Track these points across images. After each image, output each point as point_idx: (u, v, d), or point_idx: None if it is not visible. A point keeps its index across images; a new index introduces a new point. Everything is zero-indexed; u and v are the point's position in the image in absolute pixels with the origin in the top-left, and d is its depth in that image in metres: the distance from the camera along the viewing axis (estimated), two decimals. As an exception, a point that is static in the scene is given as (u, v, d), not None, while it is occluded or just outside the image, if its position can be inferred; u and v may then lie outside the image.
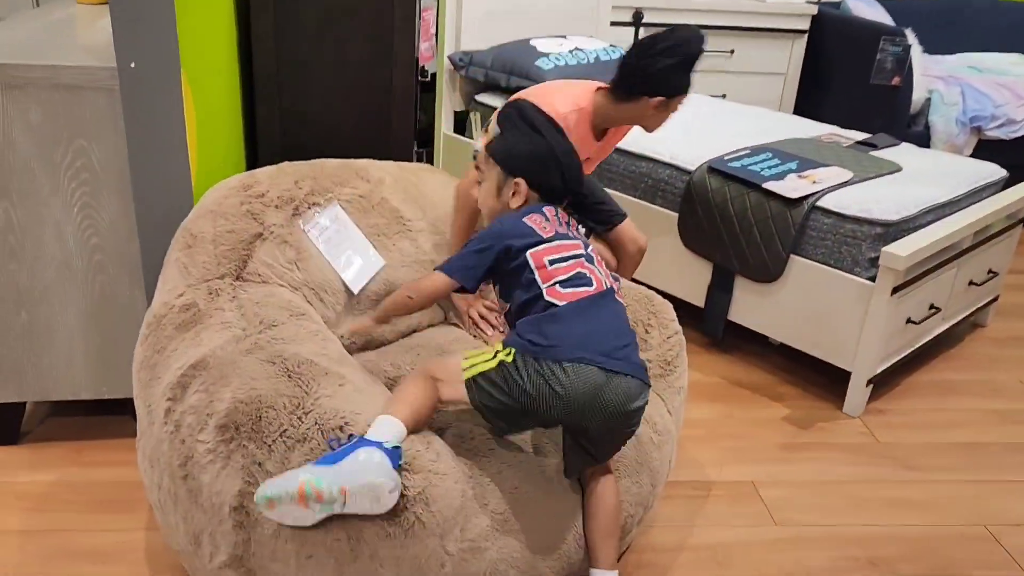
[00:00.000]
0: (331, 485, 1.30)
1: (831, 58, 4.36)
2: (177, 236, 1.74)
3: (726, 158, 2.79)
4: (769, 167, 2.73)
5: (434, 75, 3.63)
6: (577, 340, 1.48)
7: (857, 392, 2.54)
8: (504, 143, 1.72)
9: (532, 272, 1.55)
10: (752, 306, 2.71)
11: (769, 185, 2.60)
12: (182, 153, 1.84)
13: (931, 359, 2.92)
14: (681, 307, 2.85)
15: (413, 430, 1.43)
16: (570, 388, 1.44)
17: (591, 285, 1.56)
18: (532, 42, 3.53)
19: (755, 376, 2.76)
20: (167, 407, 1.52)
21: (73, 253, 2.00)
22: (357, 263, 1.86)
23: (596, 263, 1.63)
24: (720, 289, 2.76)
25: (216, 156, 2.15)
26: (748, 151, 2.86)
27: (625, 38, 4.37)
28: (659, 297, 2.02)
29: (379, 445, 1.34)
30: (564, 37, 3.68)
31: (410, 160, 2.47)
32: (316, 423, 1.40)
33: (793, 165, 2.74)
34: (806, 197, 2.54)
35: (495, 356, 1.49)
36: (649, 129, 2.06)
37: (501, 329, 2.03)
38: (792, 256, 2.58)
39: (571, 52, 3.49)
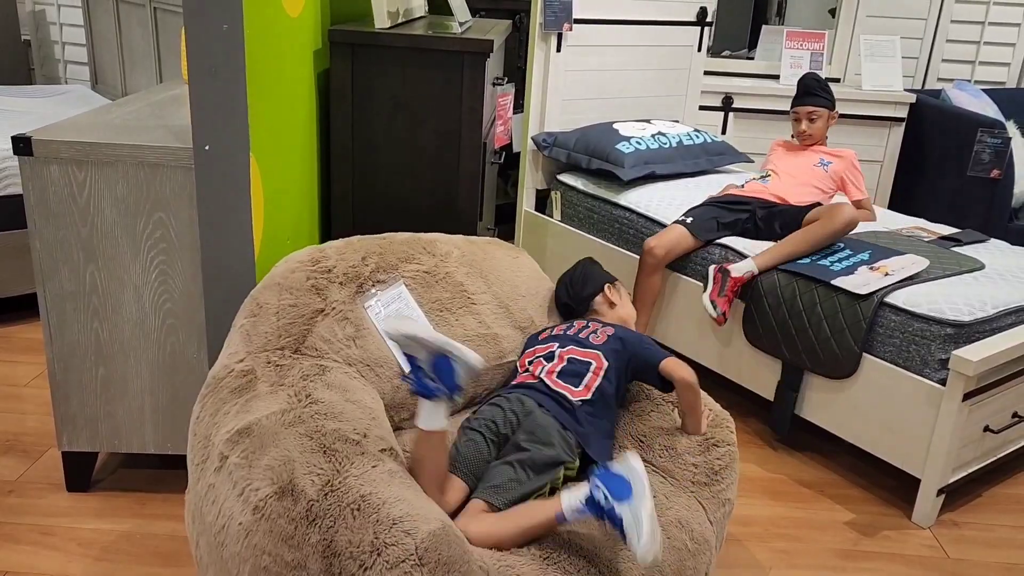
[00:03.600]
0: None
1: (928, 148, 4.24)
2: (245, 304, 1.85)
3: (796, 252, 2.74)
4: (839, 259, 2.67)
5: (514, 156, 3.74)
6: None
7: (927, 501, 2.41)
8: None
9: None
10: (822, 403, 2.62)
11: (838, 281, 2.54)
12: (247, 227, 1.96)
13: (1017, 471, 2.74)
14: (750, 398, 2.80)
15: None
16: None
17: None
18: (615, 125, 3.59)
19: (820, 475, 2.65)
20: (216, 466, 1.59)
21: (148, 314, 2.14)
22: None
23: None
24: (788, 387, 2.69)
25: (283, 231, 2.27)
26: (821, 243, 2.81)
27: (714, 122, 4.41)
28: (717, 406, 2.00)
29: None
30: (648, 121, 3.73)
31: (474, 234, 2.53)
32: (339, 503, 1.43)
33: (866, 255, 2.67)
34: (875, 292, 2.47)
35: None
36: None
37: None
38: (864, 354, 2.49)
39: (653, 136, 3.54)
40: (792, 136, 3.29)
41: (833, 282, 2.54)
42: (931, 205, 4.13)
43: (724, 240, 2.94)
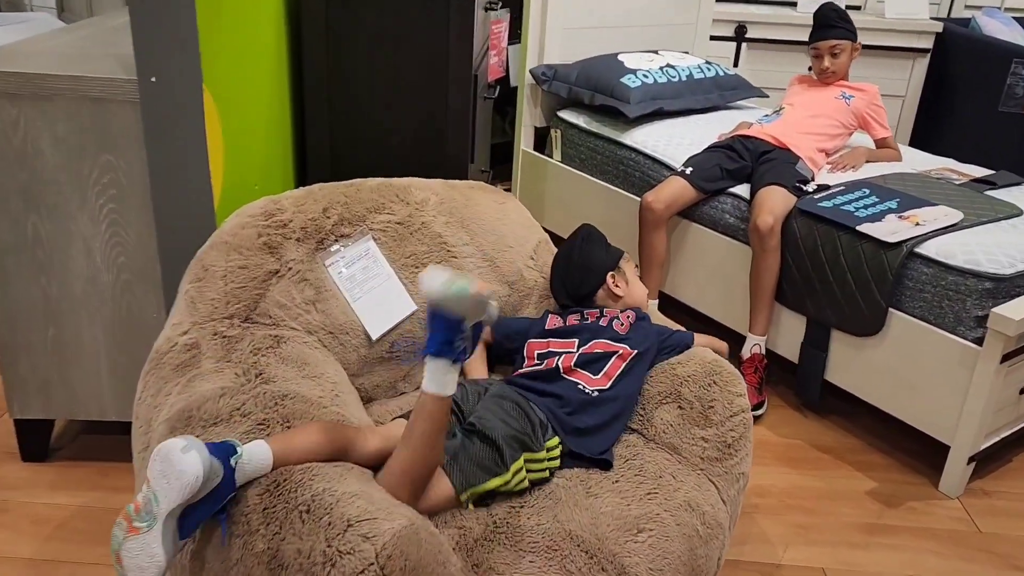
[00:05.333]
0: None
1: (955, 81, 3.96)
2: (191, 266, 1.63)
3: (816, 197, 2.50)
4: (865, 206, 2.43)
5: (512, 90, 3.47)
6: None
7: (956, 470, 2.22)
8: None
9: None
10: (844, 363, 2.41)
11: (864, 228, 2.31)
12: (203, 171, 1.73)
13: (1051, 433, 2.55)
14: (771, 357, 2.60)
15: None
16: None
17: None
18: (620, 57, 3.31)
19: (839, 439, 2.46)
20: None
21: (101, 269, 1.93)
22: (382, 305, 1.70)
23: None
24: (815, 346, 2.47)
25: (251, 176, 2.04)
26: (843, 187, 2.57)
27: (726, 54, 4.11)
28: (728, 367, 1.78)
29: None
30: (656, 53, 3.44)
31: (464, 177, 2.30)
32: (286, 505, 1.24)
33: (893, 203, 2.43)
34: (905, 241, 2.24)
35: None
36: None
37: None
38: (890, 309, 2.28)
39: (661, 69, 3.26)
40: (809, 69, 3.02)
41: (858, 228, 2.31)
42: (957, 144, 3.86)
43: (733, 189, 2.70)
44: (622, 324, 1.79)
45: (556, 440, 1.60)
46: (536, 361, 1.75)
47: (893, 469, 2.34)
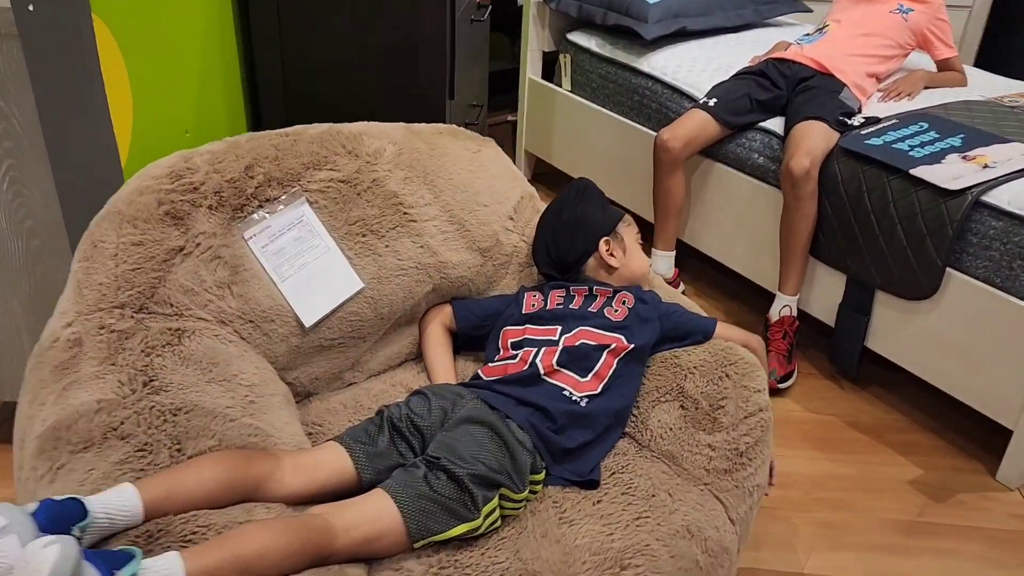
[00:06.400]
0: None
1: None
2: (82, 239, 1.34)
3: (863, 133, 2.12)
4: (922, 143, 2.05)
5: (518, 9, 3.07)
6: None
7: (1019, 456, 1.89)
8: None
9: None
10: (893, 330, 2.07)
11: (919, 171, 1.93)
12: (102, 117, 1.42)
13: None
14: (802, 318, 2.26)
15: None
16: None
17: None
18: (639, -32, 2.89)
19: (880, 416, 2.13)
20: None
21: (7, 235, 1.65)
22: (319, 285, 1.40)
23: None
24: (854, 309, 2.13)
25: (179, 121, 1.73)
26: (896, 120, 2.18)
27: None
28: (745, 355, 1.45)
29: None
30: (681, -38, 3.01)
31: (442, 116, 1.96)
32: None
33: (957, 140, 2.05)
34: (969, 188, 1.86)
35: None
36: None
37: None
38: (947, 269, 1.92)
39: (685, -20, 2.84)
40: None
41: (913, 172, 1.94)
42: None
43: (764, 123, 2.32)
44: (615, 310, 1.47)
45: (542, 475, 1.30)
46: (510, 353, 1.44)
47: (942, 453, 2.02)
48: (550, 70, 3.10)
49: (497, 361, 1.44)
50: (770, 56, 2.50)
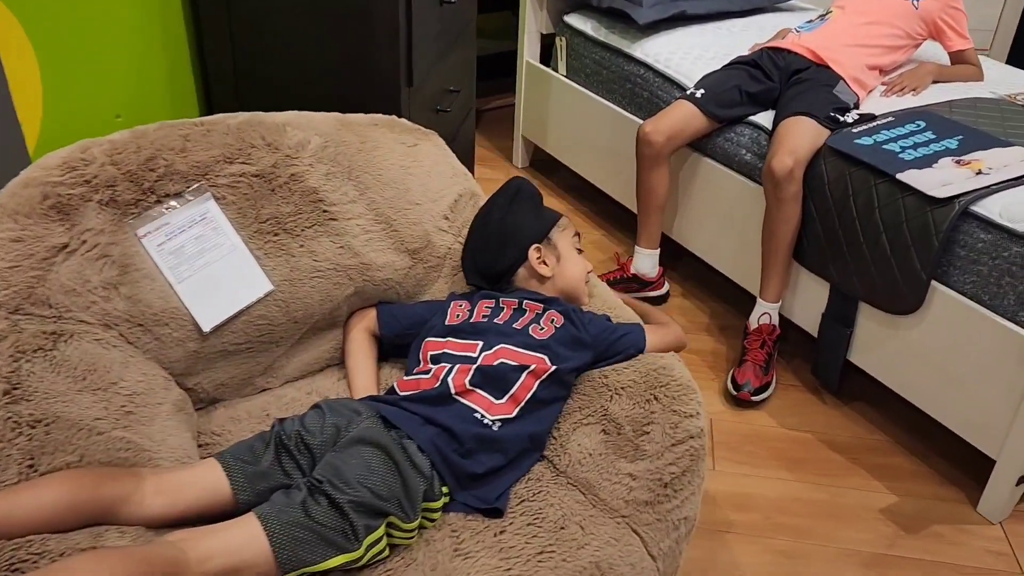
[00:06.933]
0: None
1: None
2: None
3: (854, 132, 1.97)
4: (915, 144, 1.89)
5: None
6: None
7: (1001, 489, 1.75)
8: None
9: None
10: (876, 344, 1.93)
11: (906, 176, 1.78)
12: (4, 102, 1.35)
13: None
14: (785, 323, 2.13)
15: None
16: None
17: None
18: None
19: (861, 436, 2.00)
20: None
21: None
22: (220, 287, 1.32)
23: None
24: (837, 319, 1.99)
25: (109, 103, 1.65)
26: (892, 118, 2.02)
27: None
28: (680, 375, 1.34)
29: None
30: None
31: (397, 103, 1.86)
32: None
33: (953, 143, 1.89)
34: (957, 197, 1.71)
35: None
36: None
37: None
38: (933, 283, 1.78)
39: (689, -39, 2.69)
40: None
41: (899, 176, 1.79)
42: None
43: (754, 117, 2.17)
44: (542, 328, 1.37)
45: (441, 502, 1.21)
46: (427, 367, 1.35)
47: (922, 479, 1.88)
48: (549, 53, 2.98)
49: (414, 374, 1.35)
50: (767, 44, 2.34)
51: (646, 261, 2.37)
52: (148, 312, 1.26)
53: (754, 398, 2.03)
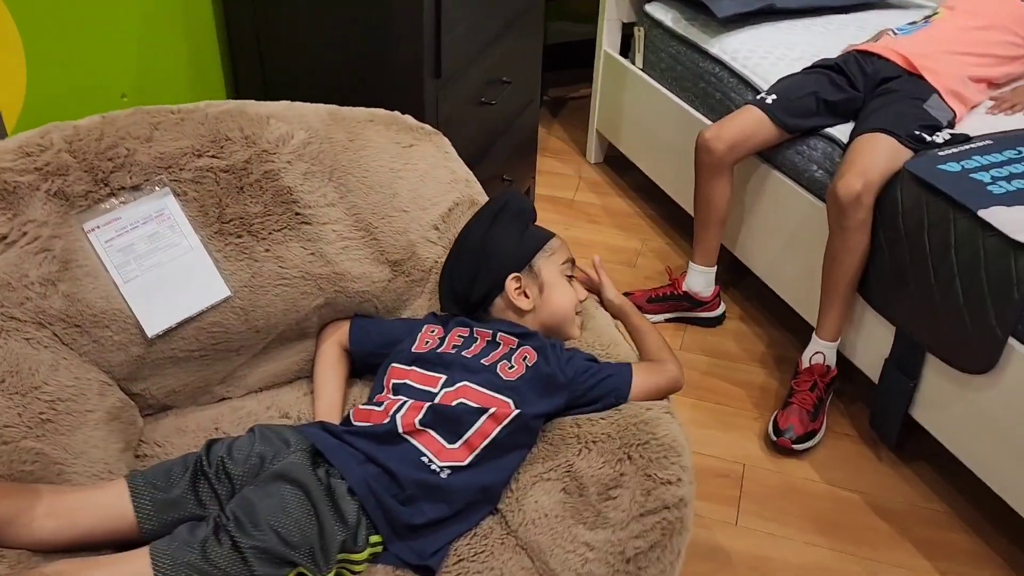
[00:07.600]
0: None
1: None
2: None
3: (941, 155, 1.70)
4: (1011, 175, 1.62)
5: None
6: None
7: (1072, 592, 1.49)
8: None
9: None
10: (941, 402, 1.68)
11: (989, 213, 1.52)
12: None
13: None
14: (844, 362, 1.88)
15: None
16: None
17: None
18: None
19: (915, 503, 1.75)
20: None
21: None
22: (172, 289, 1.23)
23: None
24: (900, 369, 1.75)
25: (110, 84, 1.59)
26: (990, 141, 1.74)
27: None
28: (667, 430, 1.16)
29: None
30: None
31: (420, 99, 1.73)
32: None
33: (1058, 177, 1.60)
34: (1050, 245, 1.45)
35: None
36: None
37: None
38: (1010, 341, 1.51)
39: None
40: None
41: (981, 213, 1.53)
42: None
43: (831, 129, 1.93)
44: (511, 366, 1.22)
45: (365, 554, 1.09)
46: (385, 397, 1.22)
47: (980, 562, 1.63)
48: (629, 44, 2.78)
49: (371, 403, 1.23)
50: (862, 47, 2.08)
51: (700, 279, 2.16)
52: (87, 312, 1.19)
53: (796, 446, 1.81)
